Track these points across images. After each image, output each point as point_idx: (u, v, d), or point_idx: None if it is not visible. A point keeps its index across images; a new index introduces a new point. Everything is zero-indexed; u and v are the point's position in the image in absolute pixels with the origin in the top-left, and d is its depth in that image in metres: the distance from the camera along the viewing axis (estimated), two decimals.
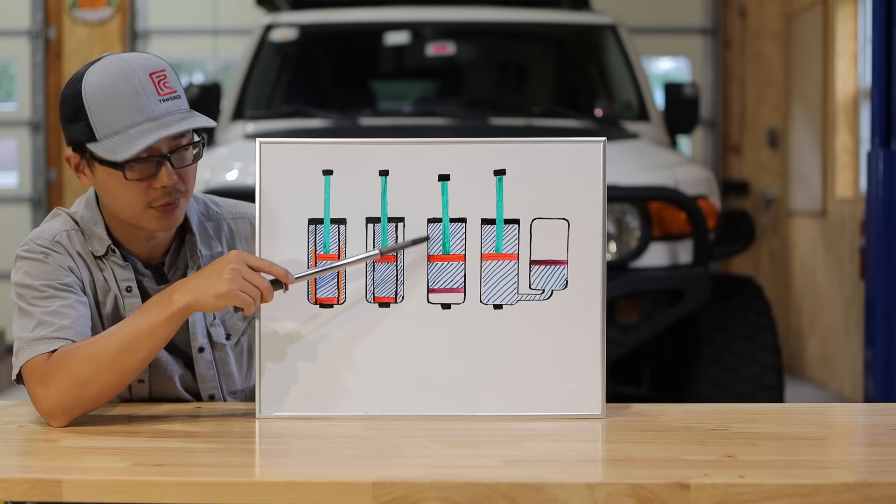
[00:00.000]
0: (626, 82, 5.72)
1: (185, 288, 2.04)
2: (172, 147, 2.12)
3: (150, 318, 2.04)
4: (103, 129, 2.09)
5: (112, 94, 2.08)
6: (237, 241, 2.31)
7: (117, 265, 2.22)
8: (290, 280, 2.07)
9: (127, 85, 2.08)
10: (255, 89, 5.67)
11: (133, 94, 2.08)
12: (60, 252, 2.18)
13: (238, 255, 2.05)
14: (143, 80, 2.08)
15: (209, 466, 1.83)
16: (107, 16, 8.12)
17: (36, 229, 2.23)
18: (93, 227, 2.22)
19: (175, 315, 2.04)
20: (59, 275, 2.15)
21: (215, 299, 2.02)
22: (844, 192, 6.96)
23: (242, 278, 2.02)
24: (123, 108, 2.07)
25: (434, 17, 5.88)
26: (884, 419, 2.18)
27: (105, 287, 2.22)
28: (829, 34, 7.16)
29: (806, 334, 7.55)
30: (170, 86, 2.11)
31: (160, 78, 2.10)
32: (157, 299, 2.06)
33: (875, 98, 4.43)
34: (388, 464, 1.83)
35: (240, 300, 2.02)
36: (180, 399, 2.28)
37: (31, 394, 2.07)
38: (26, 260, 2.17)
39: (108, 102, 2.08)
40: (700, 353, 4.80)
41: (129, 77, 2.08)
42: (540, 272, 2.13)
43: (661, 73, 8.68)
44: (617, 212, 4.59)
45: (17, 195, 8.20)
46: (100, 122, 2.09)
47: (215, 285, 2.02)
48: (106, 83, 2.09)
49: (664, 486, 1.67)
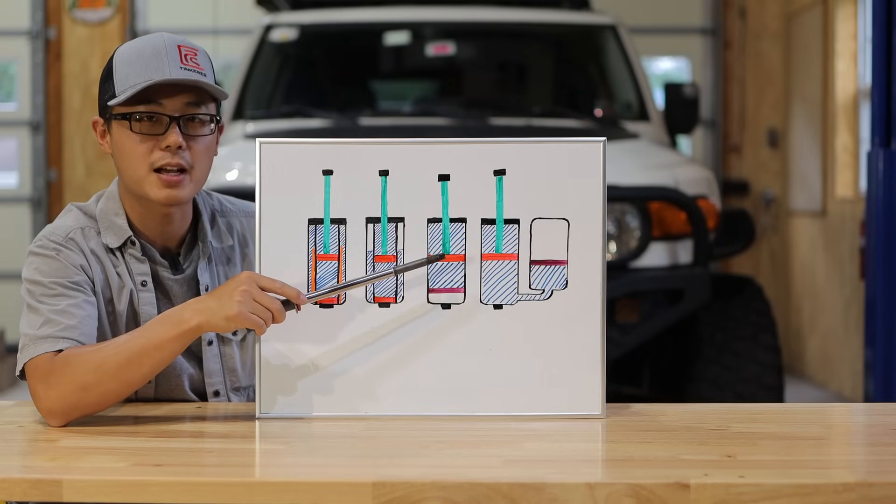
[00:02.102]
0: (626, 82, 5.72)
1: (197, 307, 2.05)
2: (184, 112, 2.17)
3: (159, 334, 2.04)
4: (121, 84, 2.16)
5: (136, 53, 2.17)
6: (248, 238, 2.34)
7: (134, 258, 2.23)
8: (301, 301, 2.07)
9: (151, 48, 2.16)
10: (255, 89, 5.67)
11: (154, 55, 2.15)
12: (73, 249, 2.18)
13: (249, 277, 2.05)
14: (168, 47, 2.16)
15: (209, 466, 1.83)
16: (107, 16, 8.12)
17: (50, 225, 2.25)
18: (113, 218, 2.23)
19: (185, 334, 2.04)
20: (69, 273, 2.15)
21: (226, 321, 2.02)
22: (844, 192, 6.96)
23: (253, 300, 2.02)
24: (142, 65, 2.15)
25: (434, 17, 5.88)
26: (884, 419, 2.18)
27: (119, 284, 2.22)
28: (829, 34, 7.16)
29: (806, 334, 7.55)
30: (197, 62, 2.18)
31: (189, 53, 2.17)
32: (168, 315, 2.07)
33: (875, 98, 4.42)
34: (388, 464, 1.83)
35: (251, 322, 2.02)
36: (186, 400, 2.28)
37: (33, 391, 2.07)
38: (38, 256, 2.17)
39: (130, 60, 2.17)
40: (700, 353, 4.79)
41: (155, 42, 2.17)
42: (540, 272, 2.13)
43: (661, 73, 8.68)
44: (617, 212, 4.59)
45: (17, 195, 8.20)
46: (120, 78, 2.17)
47: (226, 307, 2.02)
48: (134, 44, 2.20)
49: (664, 486, 1.67)
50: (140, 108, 2.16)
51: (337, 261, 2.13)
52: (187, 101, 2.17)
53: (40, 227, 7.97)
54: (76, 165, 8.09)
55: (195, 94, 2.18)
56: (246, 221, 2.35)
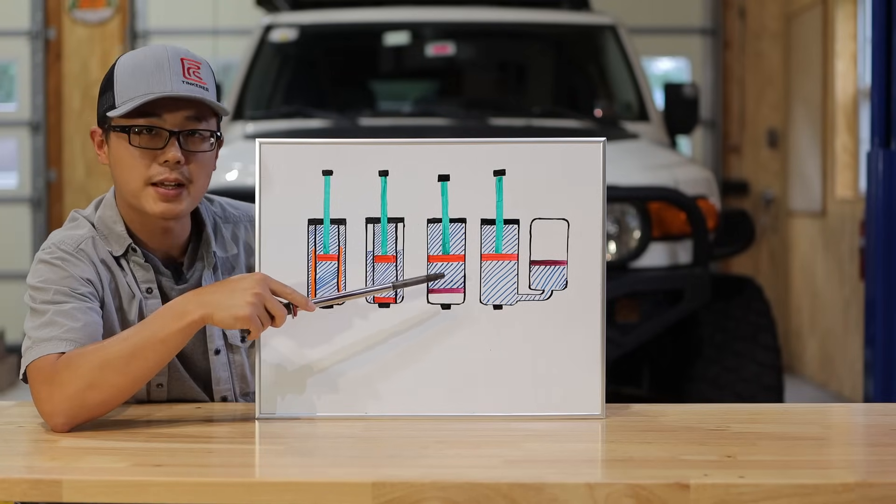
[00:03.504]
0: (626, 82, 5.72)
1: (204, 300, 2.02)
2: (184, 127, 2.14)
3: (163, 327, 2.02)
4: (122, 95, 2.14)
5: (138, 65, 2.14)
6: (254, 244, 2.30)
7: (138, 265, 2.21)
8: (310, 308, 2.07)
9: (154, 60, 2.14)
10: (255, 90, 5.67)
11: (157, 68, 2.12)
12: (83, 260, 2.16)
13: (264, 280, 2.03)
14: (171, 59, 2.14)
15: (209, 466, 1.83)
16: (107, 16, 8.12)
17: (59, 232, 2.21)
18: (112, 226, 2.21)
19: (189, 326, 2.02)
20: (74, 284, 2.12)
21: (234, 320, 2.01)
22: (844, 192, 6.97)
23: (264, 305, 2.02)
24: (144, 77, 2.12)
25: (434, 17, 5.88)
26: (884, 419, 2.18)
27: (129, 293, 2.20)
28: (828, 34, 7.16)
29: (806, 334, 7.55)
30: (199, 75, 2.15)
31: (191, 66, 2.14)
32: (171, 307, 2.04)
33: (875, 98, 4.43)
34: (388, 464, 1.83)
35: (255, 325, 2.01)
36: (198, 400, 2.27)
37: (36, 394, 2.04)
38: (46, 264, 2.14)
39: (132, 72, 2.14)
40: (700, 353, 4.80)
41: (158, 54, 2.15)
42: (540, 272, 2.14)
43: (660, 74, 8.68)
44: (617, 212, 4.59)
45: (17, 195, 8.20)
46: (121, 89, 2.14)
47: (237, 307, 2.00)
48: (136, 55, 2.17)
49: (664, 486, 1.67)
50: (140, 121, 2.13)
51: (337, 261, 2.13)
52: (188, 115, 2.14)
53: (40, 227, 7.98)
54: (76, 166, 8.08)
55: (196, 109, 2.15)
56: (250, 226, 2.31)
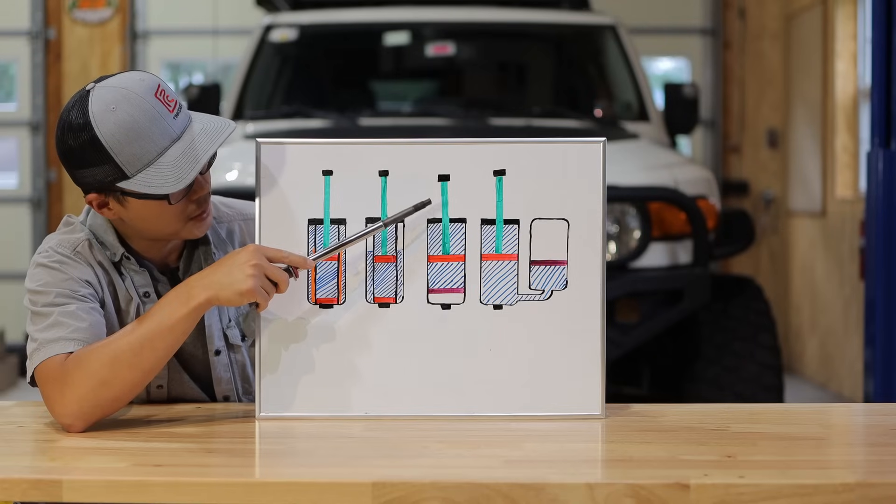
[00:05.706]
0: (626, 82, 5.72)
1: (204, 282, 2.03)
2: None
3: (170, 314, 2.03)
4: (133, 164, 2.05)
5: (133, 129, 2.03)
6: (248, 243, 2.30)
7: (133, 271, 2.21)
8: (308, 264, 2.08)
9: (143, 115, 2.04)
10: (255, 90, 5.67)
11: (152, 123, 2.04)
12: (80, 262, 2.16)
13: (258, 250, 2.05)
14: (153, 104, 2.05)
15: (209, 467, 1.83)
16: (107, 16, 8.12)
17: (55, 236, 2.20)
18: (103, 235, 2.20)
19: (195, 310, 2.03)
20: (75, 286, 2.12)
21: (239, 296, 2.02)
22: (844, 192, 6.97)
23: (264, 274, 2.03)
24: (148, 139, 2.04)
25: (434, 17, 5.88)
26: (884, 419, 2.18)
27: (127, 296, 2.20)
28: (828, 34, 7.16)
29: (806, 334, 7.55)
30: (172, 98, 2.09)
31: (162, 94, 2.07)
32: (175, 294, 2.05)
33: (875, 98, 4.43)
34: (388, 464, 1.83)
35: (261, 297, 2.03)
36: (198, 400, 2.27)
37: (47, 397, 2.02)
38: (44, 267, 2.14)
39: (131, 138, 2.03)
40: (700, 353, 4.80)
41: (140, 106, 2.04)
42: (540, 272, 2.14)
43: (660, 74, 8.68)
44: (617, 212, 4.59)
45: (17, 196, 8.20)
46: (128, 159, 2.04)
47: (238, 282, 2.01)
48: (123, 120, 2.03)
49: (664, 486, 1.67)
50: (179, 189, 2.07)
51: (337, 261, 2.14)
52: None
53: (40, 227, 7.98)
54: None
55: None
56: (245, 225, 2.32)
